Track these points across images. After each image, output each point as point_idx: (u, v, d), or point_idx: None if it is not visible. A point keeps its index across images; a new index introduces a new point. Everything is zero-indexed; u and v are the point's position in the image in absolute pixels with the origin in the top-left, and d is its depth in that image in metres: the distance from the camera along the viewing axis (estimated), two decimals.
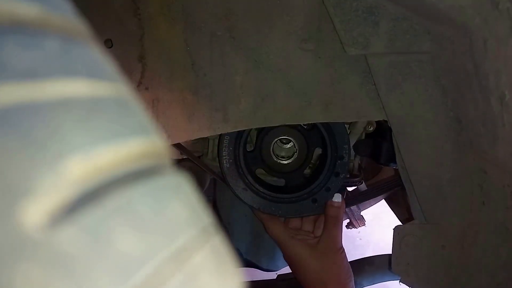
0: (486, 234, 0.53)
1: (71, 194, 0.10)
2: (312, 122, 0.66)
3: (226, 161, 0.69)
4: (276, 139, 0.72)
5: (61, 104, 0.11)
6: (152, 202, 0.12)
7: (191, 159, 0.72)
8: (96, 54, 0.13)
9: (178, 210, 0.12)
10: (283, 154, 0.73)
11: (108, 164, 0.11)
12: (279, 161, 0.72)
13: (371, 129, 0.72)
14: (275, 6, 0.55)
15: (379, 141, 0.70)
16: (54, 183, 0.10)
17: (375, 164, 0.88)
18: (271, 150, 0.72)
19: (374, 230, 1.92)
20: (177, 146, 0.69)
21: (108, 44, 0.56)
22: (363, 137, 0.73)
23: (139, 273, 0.10)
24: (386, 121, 0.59)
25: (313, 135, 0.72)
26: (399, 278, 0.65)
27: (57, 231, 0.09)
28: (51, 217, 0.09)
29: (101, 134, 0.11)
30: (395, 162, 0.62)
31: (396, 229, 0.63)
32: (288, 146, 0.73)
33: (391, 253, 0.65)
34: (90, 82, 0.12)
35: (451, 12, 0.42)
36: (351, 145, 0.70)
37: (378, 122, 0.71)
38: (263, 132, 0.72)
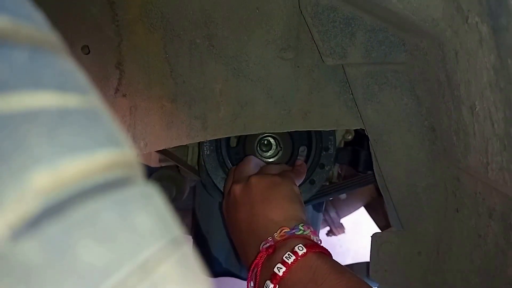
0: (460, 241, 0.54)
1: (34, 207, 0.10)
2: (292, 131, 0.66)
3: (206, 148, 0.68)
4: (259, 137, 0.72)
5: (27, 117, 0.11)
6: (118, 214, 0.11)
7: (173, 161, 0.71)
8: (66, 65, 0.13)
9: (145, 221, 0.12)
10: (267, 153, 0.73)
11: (74, 176, 0.11)
12: (264, 159, 0.72)
13: (350, 137, 0.73)
14: (254, 15, 0.56)
15: (358, 149, 0.71)
16: (17, 196, 0.10)
17: (353, 172, 0.89)
18: (255, 148, 0.72)
19: (354, 237, 1.94)
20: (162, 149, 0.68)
21: (85, 50, 0.55)
22: (342, 145, 0.74)
23: (103, 284, 0.10)
24: (363, 130, 0.60)
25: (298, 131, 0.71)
26: (377, 285, 0.66)
27: (20, 244, 0.09)
28: (13, 229, 0.09)
29: (67, 146, 0.11)
30: (373, 170, 0.63)
31: (373, 236, 0.64)
32: (269, 153, 0.73)
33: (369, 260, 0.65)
34: (58, 94, 0.12)
35: (424, 25, 0.43)
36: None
37: (356, 131, 0.72)
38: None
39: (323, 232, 1.28)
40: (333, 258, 0.53)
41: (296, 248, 0.49)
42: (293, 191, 0.58)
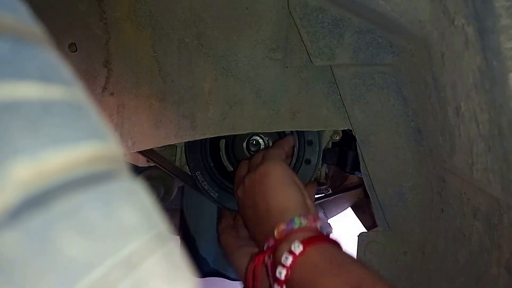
0: (445, 240, 0.55)
1: (15, 198, 0.10)
2: (280, 131, 0.66)
3: (211, 191, 0.69)
4: (245, 141, 0.72)
5: (9, 107, 0.10)
6: (102, 207, 0.11)
7: (159, 166, 0.71)
8: (49, 56, 0.13)
9: (129, 216, 0.12)
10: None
11: (56, 168, 0.11)
12: None
13: (337, 138, 0.73)
14: (244, 15, 0.56)
15: (345, 150, 0.72)
16: None
17: (341, 172, 0.89)
18: (244, 149, 0.72)
19: (341, 237, 1.95)
20: (148, 152, 0.67)
21: (73, 48, 0.54)
22: (330, 145, 0.75)
23: (85, 278, 0.10)
24: (351, 130, 0.61)
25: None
26: None
27: (0, 235, 0.09)
28: None
29: (50, 138, 0.11)
30: (360, 170, 0.63)
31: (360, 236, 0.64)
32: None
33: None
34: (41, 85, 0.12)
35: (411, 27, 0.43)
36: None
37: (344, 131, 0.73)
38: (231, 137, 0.72)
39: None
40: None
41: (293, 248, 0.47)
42: (282, 175, 0.56)
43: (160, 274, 0.12)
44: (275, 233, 0.50)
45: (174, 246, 0.14)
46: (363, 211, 0.99)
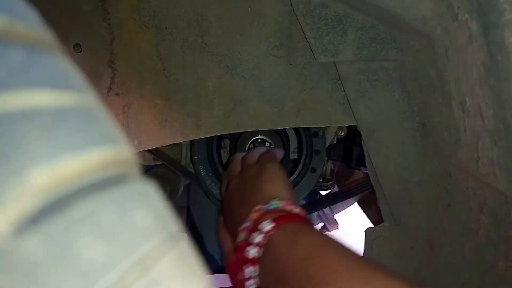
0: (451, 235, 0.55)
1: (35, 204, 0.10)
2: (284, 128, 0.66)
3: (207, 178, 0.69)
4: (250, 142, 0.72)
5: (24, 116, 0.11)
6: (117, 210, 0.12)
7: (166, 164, 0.71)
8: (62, 63, 0.14)
9: (143, 218, 0.12)
10: None
11: (73, 173, 0.11)
12: None
13: (342, 134, 0.73)
14: (247, 13, 0.56)
15: (350, 145, 0.72)
16: (18, 194, 0.10)
17: (346, 168, 0.89)
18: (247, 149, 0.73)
19: (347, 233, 1.95)
20: (153, 150, 0.68)
21: (77, 49, 0.55)
22: (335, 141, 0.75)
23: (102, 280, 0.10)
24: (356, 126, 0.61)
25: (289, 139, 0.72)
26: None
27: (22, 240, 0.10)
28: (15, 226, 0.10)
29: (65, 144, 0.11)
30: (365, 166, 0.63)
31: (367, 231, 0.64)
32: None
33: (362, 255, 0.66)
34: (55, 93, 0.12)
35: (415, 22, 0.43)
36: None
37: (348, 127, 0.73)
38: (235, 137, 0.72)
39: (316, 228, 1.29)
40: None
41: (261, 226, 0.46)
42: (279, 171, 0.55)
43: (174, 274, 0.12)
44: (252, 214, 0.49)
45: (186, 246, 0.14)
46: (369, 206, 0.99)
